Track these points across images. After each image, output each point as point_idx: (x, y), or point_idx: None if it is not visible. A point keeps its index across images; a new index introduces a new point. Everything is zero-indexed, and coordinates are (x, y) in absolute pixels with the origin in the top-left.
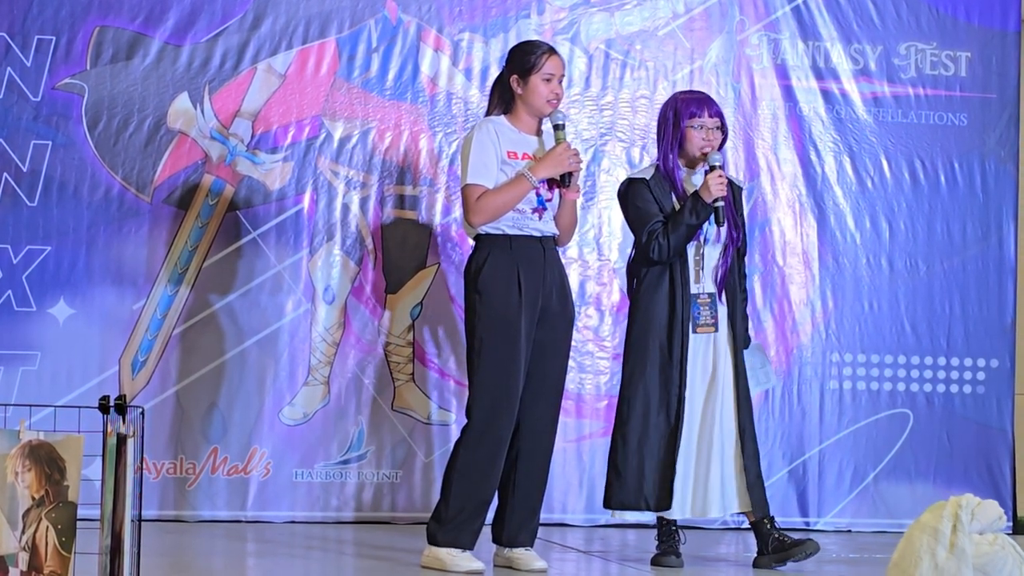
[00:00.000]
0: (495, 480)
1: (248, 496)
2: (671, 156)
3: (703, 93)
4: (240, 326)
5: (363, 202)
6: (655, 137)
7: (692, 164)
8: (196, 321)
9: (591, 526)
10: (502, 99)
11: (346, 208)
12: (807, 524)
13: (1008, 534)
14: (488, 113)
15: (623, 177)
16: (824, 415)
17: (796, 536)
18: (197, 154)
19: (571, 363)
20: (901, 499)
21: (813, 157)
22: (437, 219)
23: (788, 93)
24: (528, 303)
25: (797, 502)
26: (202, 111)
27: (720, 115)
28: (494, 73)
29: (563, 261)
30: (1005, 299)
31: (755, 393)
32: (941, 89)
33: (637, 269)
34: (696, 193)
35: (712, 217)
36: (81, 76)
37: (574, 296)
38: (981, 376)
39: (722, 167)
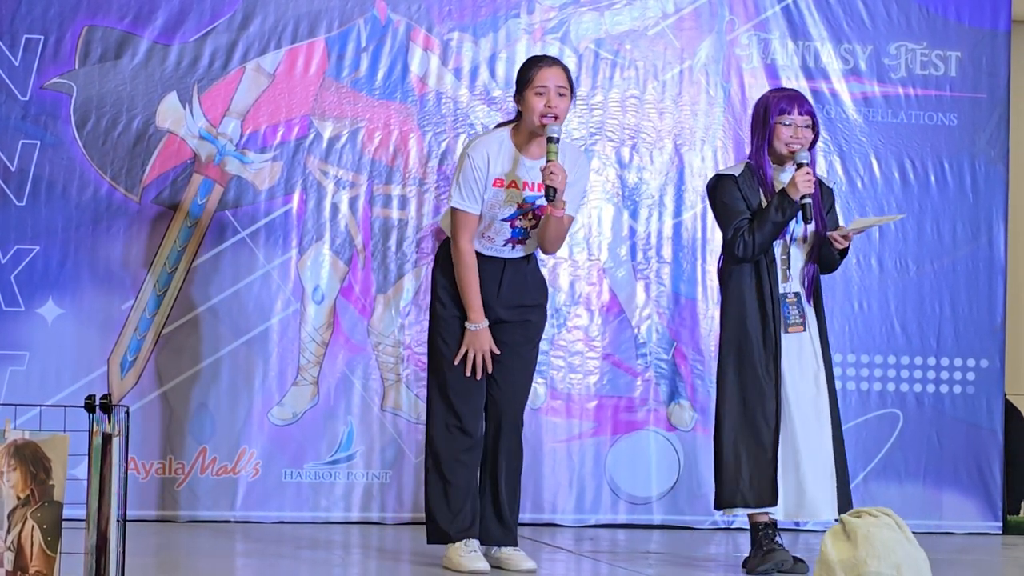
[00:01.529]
0: (473, 475)
1: (237, 496)
2: (761, 153)
3: (796, 91)
4: (229, 326)
5: (352, 202)
6: (748, 134)
7: (782, 162)
8: (185, 321)
9: (581, 526)
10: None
11: (335, 208)
12: (797, 524)
13: (998, 535)
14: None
15: (613, 177)
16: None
17: (791, 539)
18: (186, 154)
19: (561, 363)
20: (891, 499)
21: None
22: (427, 219)
23: None
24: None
25: None
26: (191, 111)
27: (812, 113)
28: (483, 72)
29: (553, 261)
30: (995, 299)
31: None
32: (931, 89)
33: (726, 268)
34: (783, 190)
35: (800, 214)
36: (69, 75)
37: (562, 296)
38: (971, 376)
39: (810, 165)
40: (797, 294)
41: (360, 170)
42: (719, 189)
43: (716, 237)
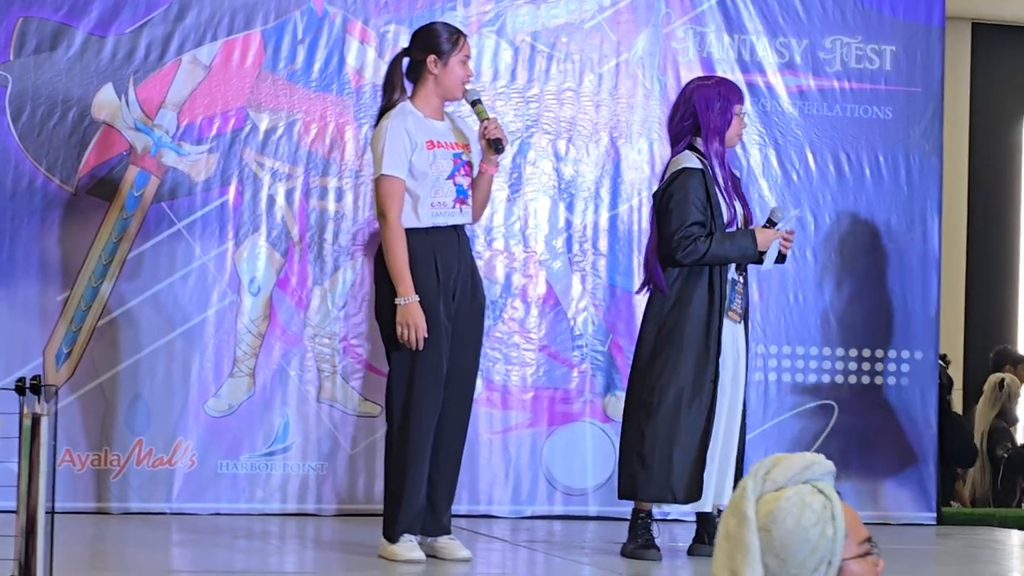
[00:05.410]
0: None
1: (173, 488)
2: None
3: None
4: (165, 318)
5: (289, 194)
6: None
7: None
8: (121, 313)
9: (517, 517)
10: (401, 84)
11: (272, 200)
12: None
13: (932, 525)
14: (386, 99)
15: (549, 169)
16: (749, 406)
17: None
18: (122, 145)
19: (497, 355)
20: None
21: (739, 150)
22: (363, 211)
23: None
24: (444, 290)
25: None
26: (127, 102)
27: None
28: None
29: (489, 253)
30: (929, 291)
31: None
32: (866, 83)
33: (666, 260)
34: (755, 238)
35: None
36: (4, 67)
37: (498, 288)
38: (905, 368)
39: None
40: (744, 283)
41: (296, 162)
42: (690, 182)
43: None
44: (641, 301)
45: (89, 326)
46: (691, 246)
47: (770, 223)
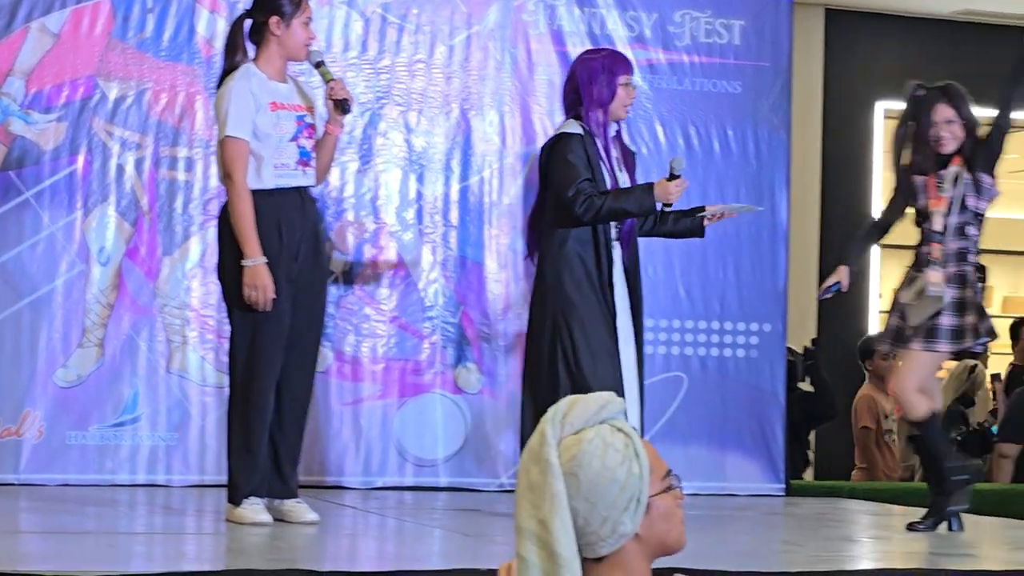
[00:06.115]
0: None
1: (21, 459)
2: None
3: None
4: (12, 287)
5: (138, 163)
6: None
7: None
8: None
9: (368, 488)
10: (243, 46)
11: (121, 169)
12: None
13: (781, 496)
14: (228, 62)
15: (400, 141)
16: None
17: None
18: None
19: (348, 326)
20: (675, 462)
21: None
22: (213, 181)
23: (564, 59)
24: (288, 251)
25: None
26: None
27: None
28: None
29: (340, 224)
30: (778, 264)
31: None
32: (715, 57)
33: (558, 223)
34: (653, 191)
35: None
36: None
37: (349, 260)
38: (754, 340)
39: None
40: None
41: (146, 131)
42: (569, 144)
43: (503, 201)
44: (493, 274)
45: None
46: (587, 201)
47: (672, 176)
